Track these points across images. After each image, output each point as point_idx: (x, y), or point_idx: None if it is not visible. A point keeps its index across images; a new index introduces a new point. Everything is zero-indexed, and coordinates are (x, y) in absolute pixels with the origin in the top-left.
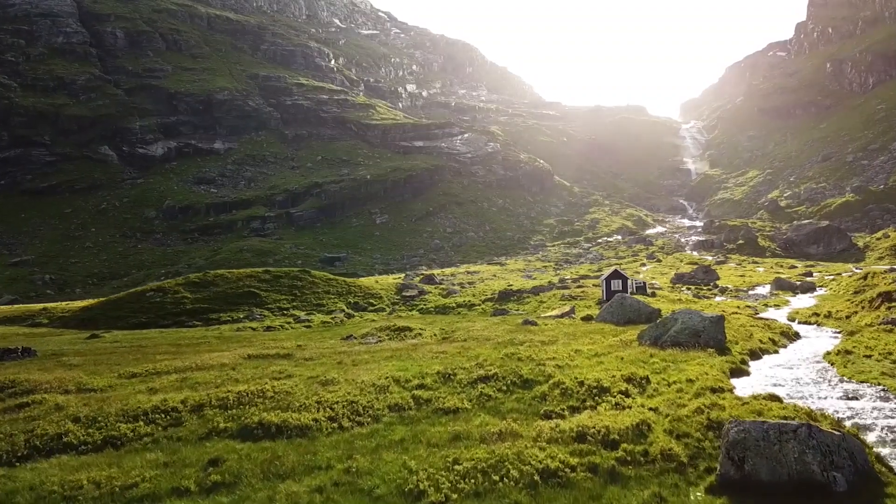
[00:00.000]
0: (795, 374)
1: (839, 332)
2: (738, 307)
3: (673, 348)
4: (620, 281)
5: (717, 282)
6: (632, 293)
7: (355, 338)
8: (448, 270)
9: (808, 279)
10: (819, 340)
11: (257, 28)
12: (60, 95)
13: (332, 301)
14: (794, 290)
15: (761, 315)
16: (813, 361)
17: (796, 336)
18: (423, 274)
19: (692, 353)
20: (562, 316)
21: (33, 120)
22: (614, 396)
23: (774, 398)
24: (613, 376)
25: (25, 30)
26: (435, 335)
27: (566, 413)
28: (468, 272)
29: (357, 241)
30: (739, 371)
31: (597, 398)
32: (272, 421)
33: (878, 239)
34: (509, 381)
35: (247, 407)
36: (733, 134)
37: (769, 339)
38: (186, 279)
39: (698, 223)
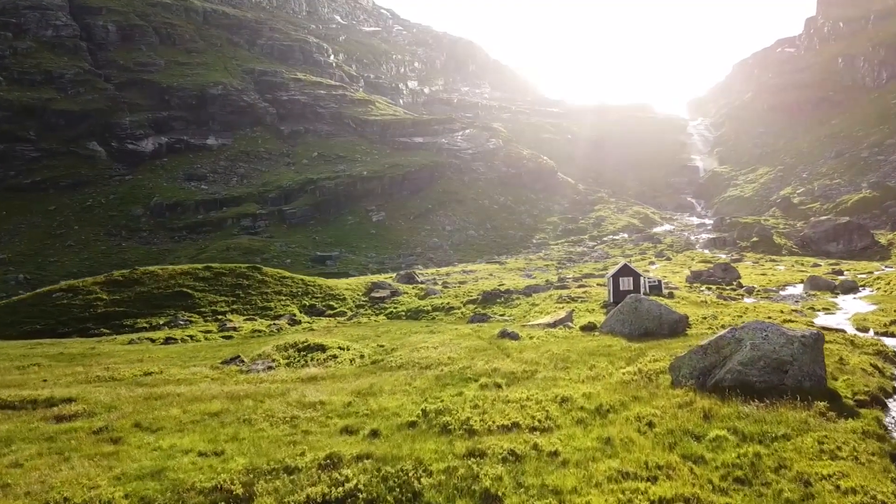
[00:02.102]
0: None
1: None
2: (784, 311)
3: (738, 395)
4: (631, 279)
5: (739, 280)
6: (645, 294)
7: (243, 361)
8: (444, 269)
9: (840, 277)
10: None
11: (254, 23)
12: (48, 89)
13: (282, 303)
14: (833, 289)
15: (818, 323)
16: None
17: None
18: (405, 272)
19: (783, 409)
20: (554, 324)
21: (19, 114)
22: None
23: None
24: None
25: (13, 22)
26: (362, 357)
27: None
28: (464, 271)
29: (352, 240)
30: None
31: None
32: None
33: None
34: None
35: None
36: (742, 130)
37: (872, 366)
38: (108, 277)
39: (708, 221)
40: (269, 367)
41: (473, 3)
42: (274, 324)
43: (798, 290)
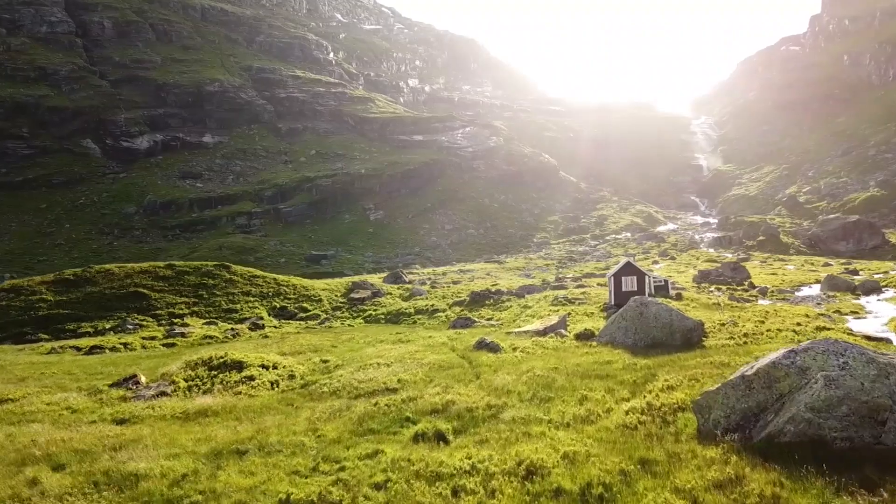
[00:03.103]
0: None
1: None
2: (809, 316)
3: (810, 458)
4: (634, 278)
5: (750, 280)
6: (650, 295)
7: (138, 383)
8: (441, 269)
9: (856, 277)
10: None
11: (253, 20)
12: (41, 86)
13: (250, 305)
14: (854, 290)
15: (856, 330)
16: None
17: None
18: (392, 272)
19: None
20: (545, 332)
21: (11, 112)
22: None
23: None
24: None
25: (7, 18)
26: (292, 377)
27: None
28: (461, 271)
29: (348, 239)
30: None
31: None
32: None
33: None
34: None
35: None
36: (747, 129)
37: None
38: (58, 276)
39: (712, 220)
40: (162, 393)
41: (476, 1)
42: (233, 329)
43: (814, 290)
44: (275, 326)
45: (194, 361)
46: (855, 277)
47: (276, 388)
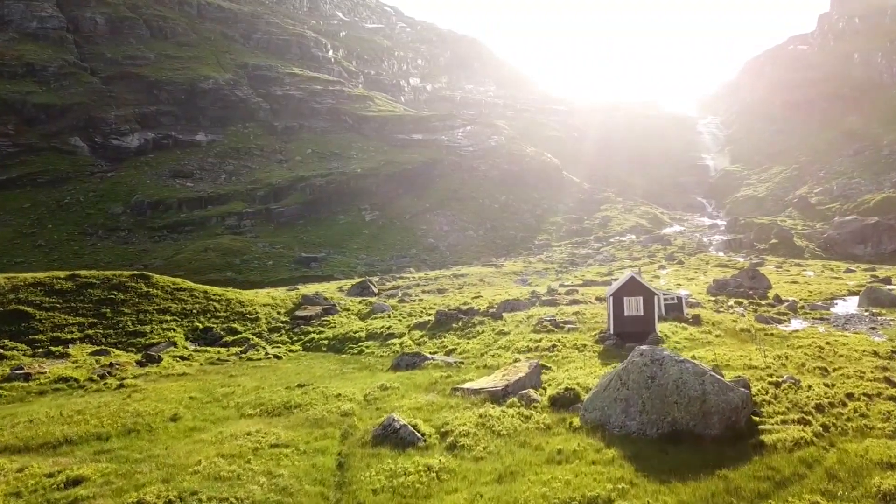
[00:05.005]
0: None
1: None
2: (879, 353)
3: None
4: (640, 299)
5: (776, 294)
6: (661, 318)
7: None
8: (433, 273)
9: (890, 287)
10: None
11: (251, 16)
12: (28, 83)
13: (164, 326)
14: None
15: None
16: None
17: None
18: (359, 282)
19: None
20: (504, 394)
21: None
22: None
23: None
24: None
25: None
26: None
27: None
28: (455, 275)
29: (342, 240)
30: None
31: None
32: None
33: None
34: None
35: None
36: (755, 128)
37: None
38: None
39: (720, 221)
40: None
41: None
42: (112, 365)
43: (850, 305)
44: (179, 357)
45: None
46: (889, 287)
47: None
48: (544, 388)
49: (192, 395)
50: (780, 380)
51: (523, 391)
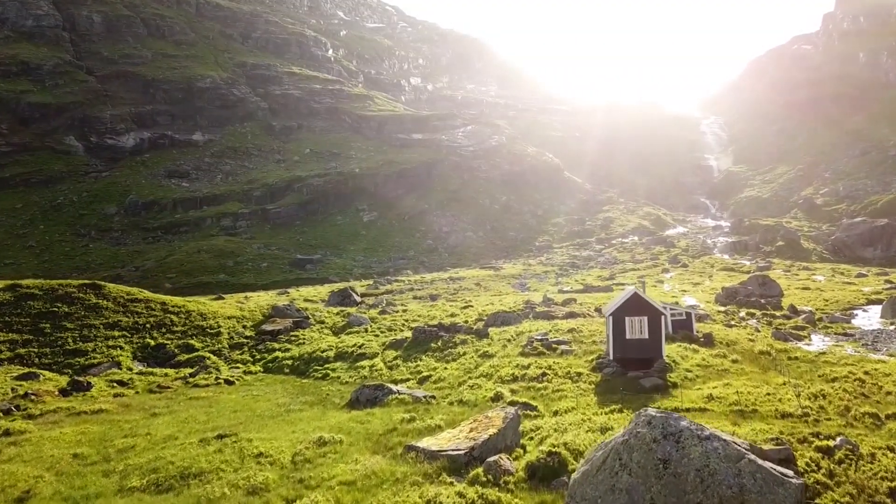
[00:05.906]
0: None
1: None
2: None
3: None
4: (645, 319)
5: (790, 303)
6: (669, 337)
7: None
8: (430, 276)
9: None
10: None
11: (250, 15)
12: (23, 81)
13: (110, 344)
14: None
15: None
16: None
17: None
18: (340, 290)
19: None
20: (467, 460)
21: None
22: None
23: None
24: None
25: None
26: None
27: None
28: (451, 278)
29: (339, 241)
30: None
31: None
32: None
33: None
34: None
35: None
36: (758, 128)
37: None
38: None
39: (724, 223)
40: None
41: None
42: (27, 395)
43: (871, 316)
44: (116, 382)
45: None
46: None
47: None
48: (522, 448)
49: (76, 452)
50: (831, 445)
51: (493, 457)
